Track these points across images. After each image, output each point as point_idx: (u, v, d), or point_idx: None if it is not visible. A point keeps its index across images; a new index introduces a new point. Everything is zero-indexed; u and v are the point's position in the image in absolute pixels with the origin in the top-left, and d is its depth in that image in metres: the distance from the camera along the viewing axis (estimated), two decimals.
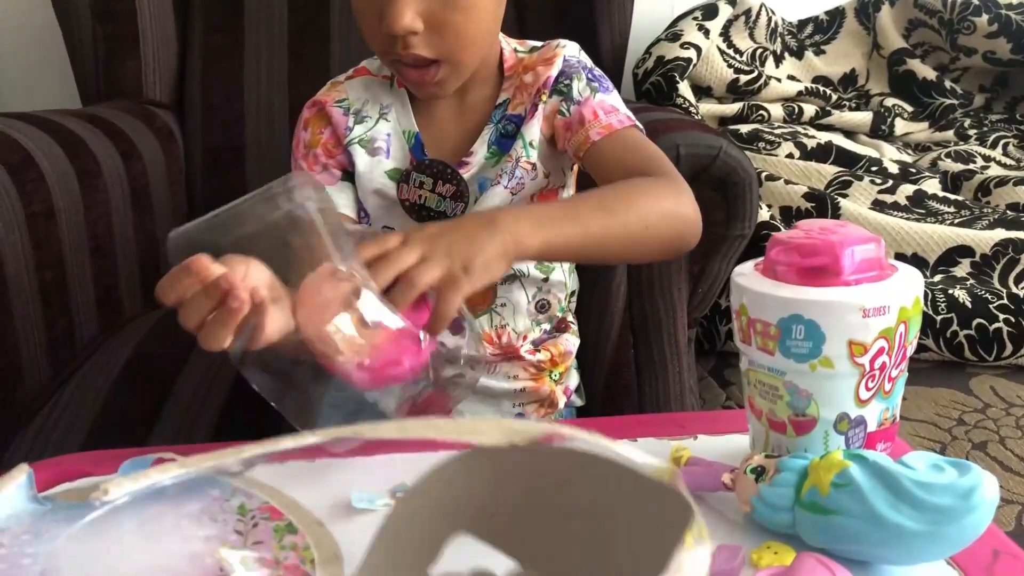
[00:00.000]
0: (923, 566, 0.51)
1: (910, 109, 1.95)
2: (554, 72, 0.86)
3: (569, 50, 0.89)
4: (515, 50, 0.91)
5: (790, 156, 1.70)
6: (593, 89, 0.86)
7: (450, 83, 0.83)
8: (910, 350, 0.57)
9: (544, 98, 0.86)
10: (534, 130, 0.86)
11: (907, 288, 0.56)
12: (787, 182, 1.56)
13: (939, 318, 1.36)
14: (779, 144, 1.71)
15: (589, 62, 0.90)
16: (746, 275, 0.59)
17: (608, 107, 0.85)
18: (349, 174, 0.88)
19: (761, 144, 1.71)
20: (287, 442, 0.41)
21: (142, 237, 1.32)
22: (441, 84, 0.82)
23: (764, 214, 1.48)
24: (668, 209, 0.73)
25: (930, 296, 1.38)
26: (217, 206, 0.78)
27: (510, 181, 0.86)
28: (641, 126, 0.86)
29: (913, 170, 1.73)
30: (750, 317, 0.58)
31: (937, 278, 1.45)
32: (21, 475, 0.54)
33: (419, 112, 0.88)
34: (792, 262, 0.57)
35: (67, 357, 1.13)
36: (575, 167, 0.92)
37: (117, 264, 1.26)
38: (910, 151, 1.92)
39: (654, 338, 1.01)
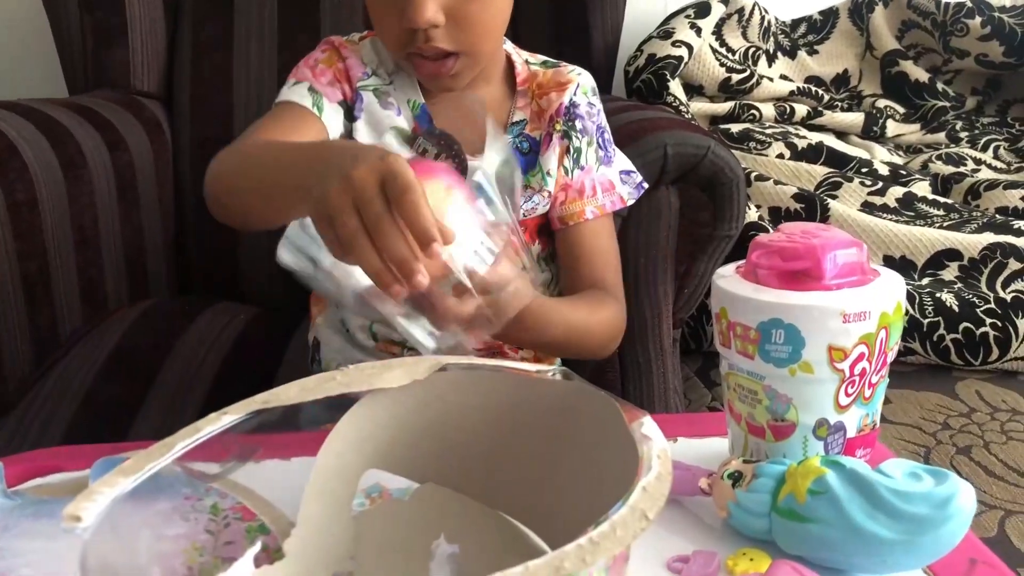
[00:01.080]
0: (900, 575, 0.51)
1: (902, 111, 1.95)
2: (566, 100, 0.88)
3: (584, 80, 0.91)
4: (527, 62, 0.92)
5: (780, 156, 1.69)
6: (599, 159, 0.90)
7: (465, 76, 0.83)
8: (891, 356, 0.57)
9: (557, 127, 0.88)
10: (551, 162, 0.88)
11: (889, 293, 0.55)
12: (777, 183, 1.56)
13: (926, 321, 1.36)
14: (770, 144, 1.70)
15: (600, 108, 0.92)
16: (727, 278, 0.59)
17: (606, 184, 0.89)
18: (347, 108, 0.87)
19: (752, 144, 1.71)
20: (207, 427, 0.43)
21: (128, 229, 1.31)
22: (456, 77, 0.82)
23: (753, 214, 1.48)
24: (613, 340, 0.86)
25: (917, 299, 1.37)
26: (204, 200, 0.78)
27: (526, 203, 0.87)
28: (630, 200, 0.91)
29: (903, 172, 1.73)
30: (730, 320, 0.57)
31: (925, 281, 1.44)
32: None
33: (425, 88, 0.88)
34: (773, 265, 0.57)
35: (50, 349, 1.12)
36: None
37: (102, 256, 1.25)
38: (901, 153, 1.92)
39: (639, 338, 1.00)
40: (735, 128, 1.75)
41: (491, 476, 0.52)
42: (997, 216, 1.57)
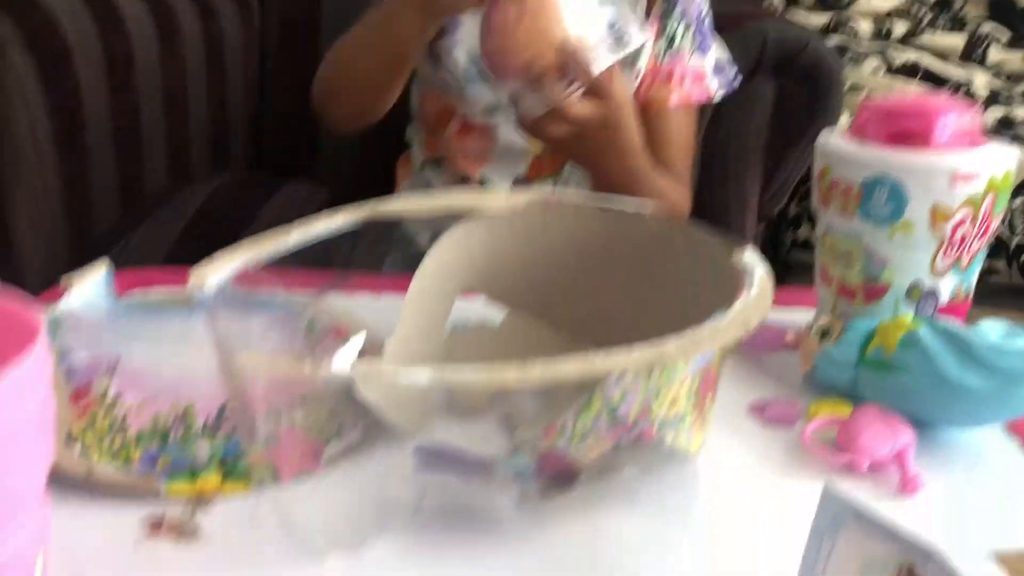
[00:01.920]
0: (981, 433, 0.51)
1: (1007, 36, 1.87)
2: None
3: None
4: None
5: (875, 72, 1.64)
6: (693, 47, 0.87)
7: None
8: (994, 224, 0.56)
9: (656, 6, 0.86)
10: (647, 44, 0.85)
11: (1000, 160, 0.54)
12: (870, 95, 1.52)
13: (1014, 240, 1.32)
14: (865, 58, 1.65)
15: (705, 5, 0.89)
16: (832, 138, 0.58)
17: (698, 73, 0.87)
18: None
19: (847, 57, 1.65)
20: (320, 224, 0.45)
21: (214, 100, 1.32)
22: None
23: (844, 122, 1.44)
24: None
25: (1008, 218, 1.34)
26: (288, 82, 0.81)
27: None
28: (718, 95, 0.88)
29: (1004, 95, 1.66)
30: (833, 178, 0.56)
31: (1017, 201, 1.40)
32: (101, 271, 0.56)
33: None
34: (882, 125, 0.55)
35: (136, 206, 1.15)
36: None
37: (189, 123, 1.27)
38: (1002, 79, 1.84)
39: (720, 228, 1.00)
40: (831, 42, 1.69)
41: (582, 310, 0.53)
42: None
